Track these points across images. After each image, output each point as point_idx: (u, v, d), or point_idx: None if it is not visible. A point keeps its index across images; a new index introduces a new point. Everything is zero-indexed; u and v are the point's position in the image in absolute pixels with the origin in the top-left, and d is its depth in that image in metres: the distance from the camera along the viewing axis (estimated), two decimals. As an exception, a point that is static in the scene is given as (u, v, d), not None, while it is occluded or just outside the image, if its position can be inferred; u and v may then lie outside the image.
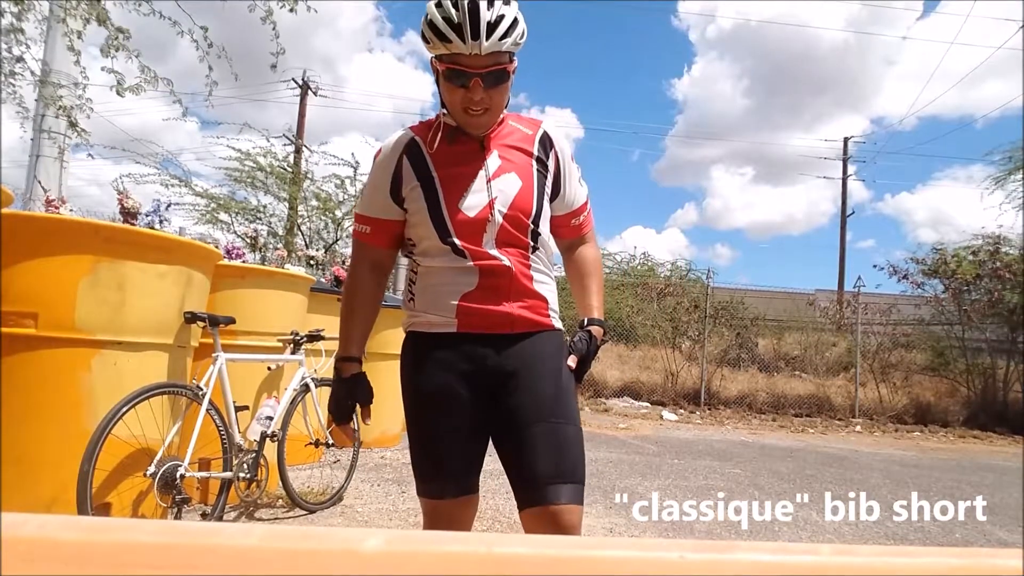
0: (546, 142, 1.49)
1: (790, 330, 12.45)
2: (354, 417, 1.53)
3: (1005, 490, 5.14)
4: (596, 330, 1.55)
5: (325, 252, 9.92)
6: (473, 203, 1.39)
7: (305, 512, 3.21)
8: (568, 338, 1.54)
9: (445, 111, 1.43)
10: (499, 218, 1.39)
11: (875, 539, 3.54)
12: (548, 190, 1.49)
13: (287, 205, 10.65)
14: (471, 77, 1.32)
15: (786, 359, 11.80)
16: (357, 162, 10.46)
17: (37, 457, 2.32)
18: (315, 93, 19.15)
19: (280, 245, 9.91)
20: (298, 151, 11.80)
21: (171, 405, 2.68)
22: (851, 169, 21.81)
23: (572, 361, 1.47)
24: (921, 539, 3.58)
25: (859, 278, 12.29)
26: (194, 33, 4.26)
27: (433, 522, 1.46)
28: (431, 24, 1.30)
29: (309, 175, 10.72)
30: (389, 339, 5.19)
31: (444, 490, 1.44)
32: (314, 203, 10.61)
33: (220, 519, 2.79)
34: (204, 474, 2.94)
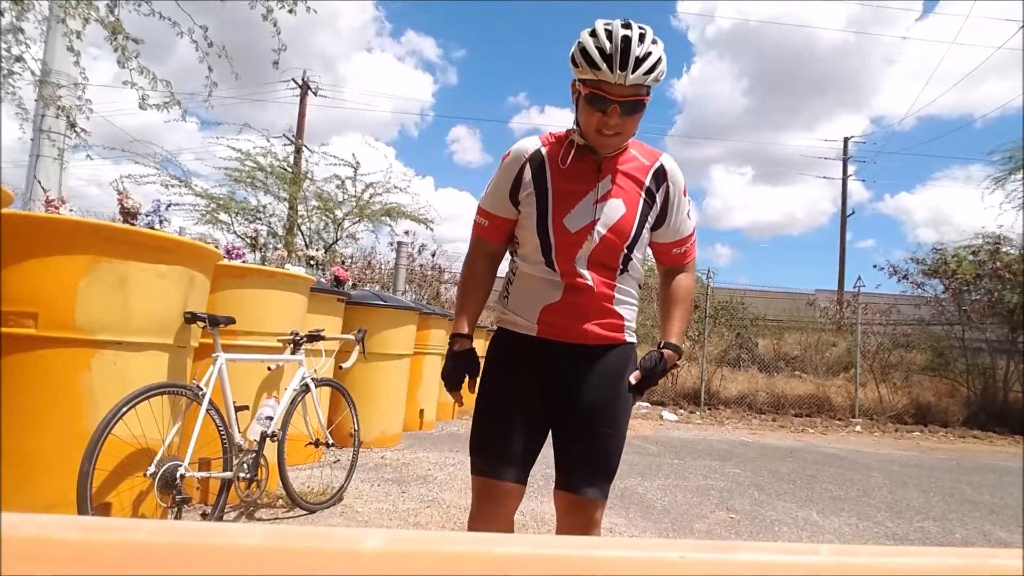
0: (660, 174, 1.60)
1: (790, 330, 12.45)
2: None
3: (1005, 490, 5.14)
4: (669, 353, 1.64)
5: (325, 252, 9.92)
6: (577, 220, 1.53)
7: (305, 512, 3.21)
8: (640, 354, 1.67)
9: (576, 129, 1.55)
10: (596, 239, 1.52)
11: (875, 539, 3.54)
12: (651, 219, 1.61)
13: (287, 205, 10.64)
14: (611, 103, 1.44)
15: (786, 359, 11.81)
16: (357, 162, 10.46)
17: (37, 457, 2.32)
18: (315, 93, 19.16)
19: (280, 245, 9.91)
20: (298, 151, 11.80)
21: (171, 405, 2.68)
22: (851, 169, 21.84)
23: (634, 377, 1.59)
24: (921, 539, 3.58)
25: (859, 278, 12.31)
26: (194, 33, 4.26)
27: (483, 502, 1.60)
28: (584, 51, 1.43)
29: (309, 175, 10.72)
30: (390, 339, 5.20)
31: (499, 472, 1.57)
32: (314, 203, 10.60)
33: (220, 519, 2.79)
34: (204, 474, 2.94)
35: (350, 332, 3.91)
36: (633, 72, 1.40)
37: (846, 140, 22.07)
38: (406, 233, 11.32)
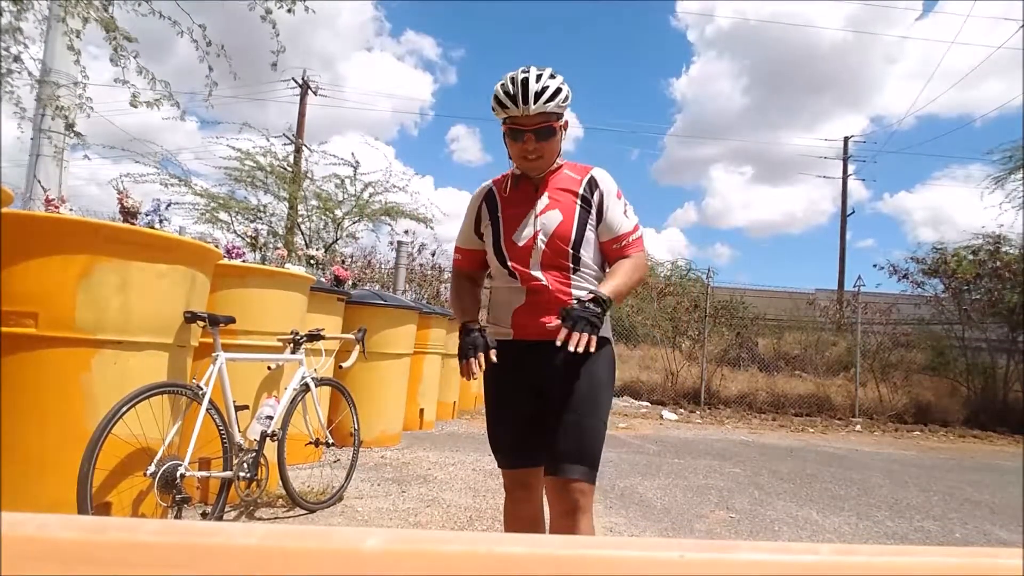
0: (592, 183, 1.84)
1: (790, 330, 12.46)
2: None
3: (1005, 490, 5.14)
4: (588, 295, 1.70)
5: (325, 252, 9.92)
6: (523, 234, 1.80)
7: (305, 512, 3.21)
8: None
9: (512, 165, 1.85)
10: (541, 245, 1.77)
11: (875, 538, 3.54)
12: (592, 221, 1.82)
13: (287, 204, 10.64)
14: (524, 133, 1.72)
15: (786, 359, 11.81)
16: (357, 162, 10.46)
17: (37, 457, 2.32)
18: (315, 93, 19.16)
19: (280, 244, 9.91)
20: (298, 150, 11.79)
21: (171, 405, 2.68)
22: (851, 168, 21.83)
23: (561, 333, 1.62)
24: (921, 539, 3.58)
25: (859, 277, 12.28)
26: (193, 32, 4.26)
27: (511, 487, 1.88)
28: (496, 97, 1.73)
29: (309, 174, 10.71)
30: (390, 339, 5.20)
31: (509, 461, 1.86)
32: (314, 203, 10.60)
33: (220, 519, 2.79)
34: (204, 473, 2.94)
35: (350, 332, 3.91)
36: (535, 104, 1.67)
37: (846, 139, 22.07)
38: (406, 232, 11.32)
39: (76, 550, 0.30)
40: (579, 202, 1.81)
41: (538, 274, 1.77)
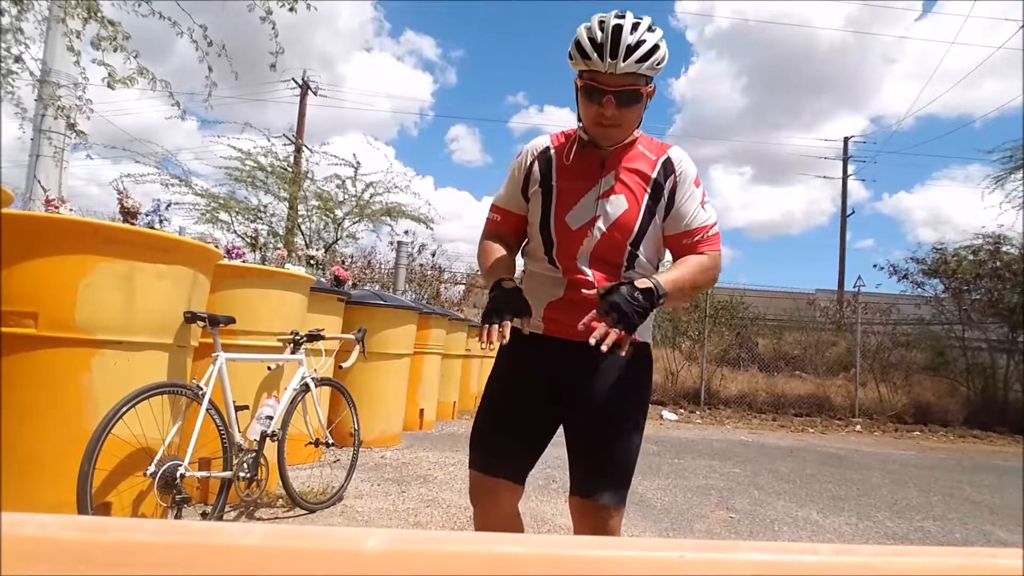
0: (668, 166, 1.55)
1: (790, 330, 12.45)
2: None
3: (1005, 490, 5.14)
4: (642, 281, 1.40)
5: (325, 252, 9.92)
6: (580, 216, 1.51)
7: (305, 512, 3.21)
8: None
9: (581, 124, 1.54)
10: (597, 235, 1.50)
11: (875, 539, 3.54)
12: (660, 212, 1.55)
13: (287, 205, 10.64)
14: (605, 94, 1.42)
15: (786, 359, 11.81)
16: (358, 162, 10.46)
17: (37, 457, 2.32)
18: (315, 93, 19.16)
19: (280, 245, 9.91)
20: (298, 151, 11.79)
21: (171, 405, 2.68)
22: (850, 168, 21.82)
23: (594, 323, 1.34)
24: (921, 539, 3.58)
25: (859, 278, 12.32)
26: (193, 33, 4.25)
27: (476, 495, 1.58)
28: (577, 43, 1.43)
29: (309, 175, 10.72)
30: (391, 339, 5.20)
31: (493, 467, 1.55)
32: (314, 203, 10.60)
33: (220, 519, 2.79)
34: (204, 474, 2.94)
35: (350, 332, 3.91)
36: (624, 60, 1.38)
37: (846, 140, 22.07)
38: (406, 233, 11.32)
39: (76, 550, 0.30)
40: (649, 190, 1.53)
41: (585, 268, 1.51)
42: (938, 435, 8.93)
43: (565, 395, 1.55)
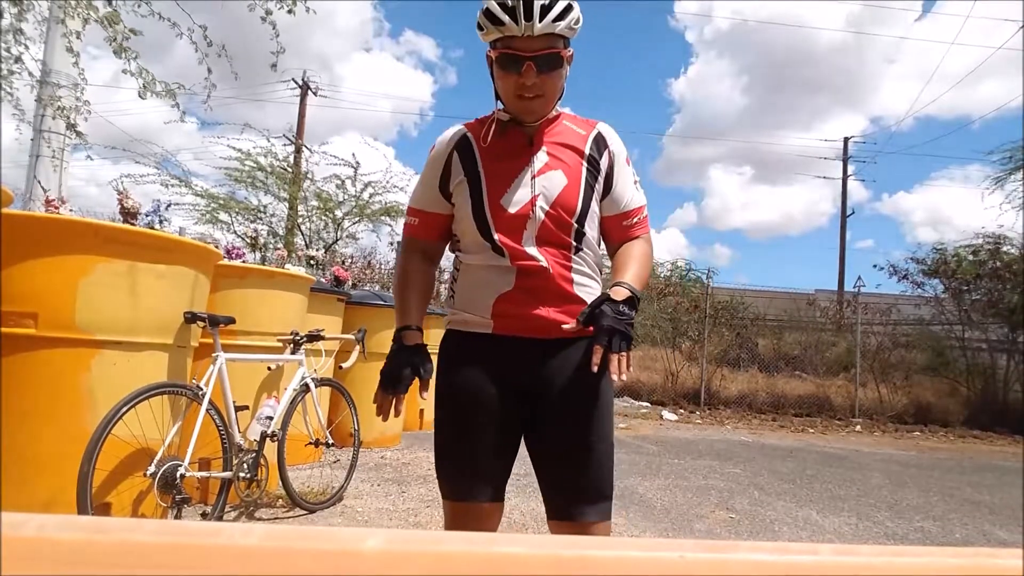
0: (600, 141, 1.47)
1: (790, 330, 12.45)
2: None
3: (1005, 490, 5.14)
4: (617, 289, 1.34)
5: (325, 252, 9.93)
6: (516, 199, 1.38)
7: (305, 512, 3.21)
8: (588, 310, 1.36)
9: (499, 106, 1.44)
10: (541, 215, 1.37)
11: (875, 539, 3.54)
12: (599, 189, 1.45)
13: (287, 205, 10.65)
14: (524, 61, 1.32)
15: (786, 359, 11.81)
16: (357, 162, 10.47)
17: (37, 457, 2.32)
18: (315, 93, 19.15)
19: (280, 245, 9.91)
20: (298, 151, 11.80)
21: (171, 405, 2.68)
22: (850, 169, 21.83)
23: (596, 355, 1.24)
24: (921, 539, 3.58)
25: (859, 278, 12.31)
26: (193, 33, 4.25)
27: (454, 525, 1.43)
28: (487, 11, 1.32)
29: (309, 175, 10.73)
30: (390, 339, 5.19)
31: (467, 493, 1.40)
32: (314, 203, 10.61)
33: (220, 519, 2.79)
34: (204, 474, 2.94)
35: (350, 332, 3.91)
36: (540, 20, 1.28)
37: (846, 140, 22.06)
38: (406, 233, 11.30)
39: (76, 550, 0.30)
40: (585, 164, 1.43)
41: (534, 251, 1.37)
42: (938, 435, 8.93)
43: (527, 401, 1.40)
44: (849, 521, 3.85)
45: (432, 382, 1.46)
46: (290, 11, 4.33)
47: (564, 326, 1.34)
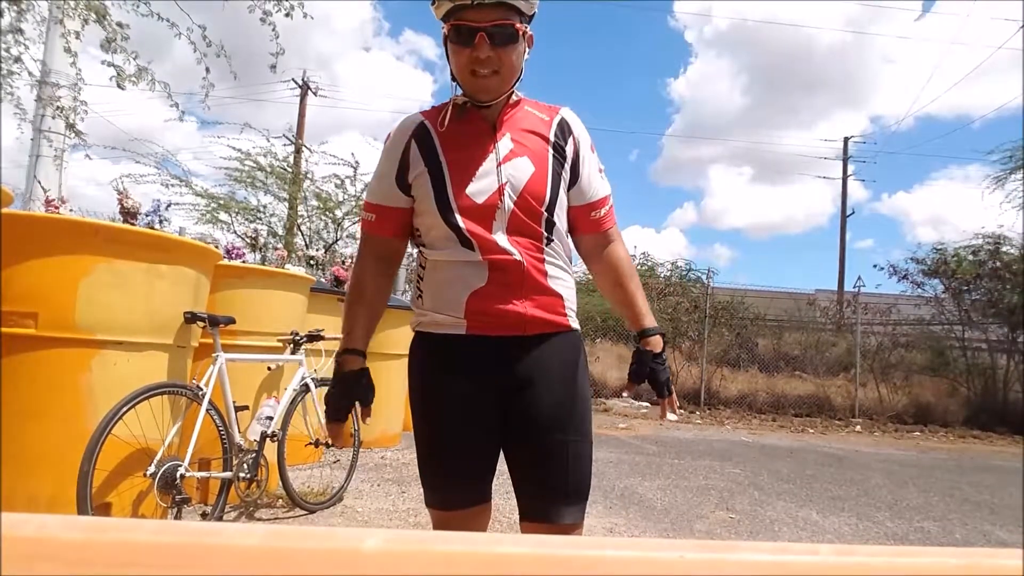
0: (564, 128, 1.41)
1: (790, 330, 12.45)
2: (352, 417, 1.45)
3: (1005, 490, 5.14)
4: (655, 341, 1.46)
5: (325, 252, 9.92)
6: (481, 188, 1.31)
7: (305, 512, 3.21)
8: (631, 363, 1.48)
9: (456, 89, 1.36)
10: (509, 204, 1.31)
11: (875, 539, 3.54)
12: (566, 178, 1.39)
13: (287, 205, 10.65)
14: (476, 32, 1.25)
15: (786, 359, 11.81)
16: (357, 162, 10.46)
17: (37, 457, 2.32)
18: (315, 93, 19.15)
19: (280, 245, 9.91)
20: (298, 151, 11.79)
21: (171, 405, 2.68)
22: (850, 169, 21.83)
23: (628, 390, 1.44)
24: (921, 539, 3.58)
25: (859, 278, 12.30)
26: (192, 34, 4.25)
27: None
28: None
29: (309, 175, 10.73)
30: (393, 339, 5.19)
31: (454, 501, 1.38)
32: (314, 203, 10.61)
33: (220, 519, 2.79)
34: (204, 474, 2.94)
35: (350, 332, 3.90)
36: None
37: (846, 140, 22.06)
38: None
39: (76, 550, 0.30)
40: (551, 150, 1.37)
41: (505, 243, 1.30)
42: (938, 435, 8.93)
43: (504, 403, 1.36)
44: (849, 521, 3.85)
45: (379, 397, 1.44)
46: (287, 15, 4.34)
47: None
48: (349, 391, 1.39)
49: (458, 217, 1.31)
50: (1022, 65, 18.68)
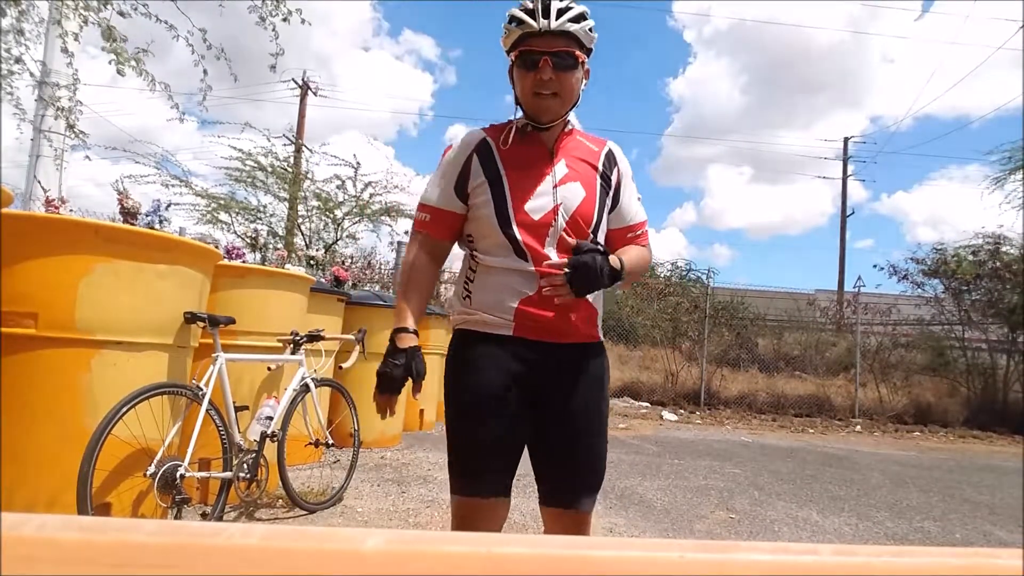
0: (611, 159, 1.59)
1: (790, 330, 12.45)
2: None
3: (1005, 490, 5.14)
4: (614, 260, 1.42)
5: (325, 252, 9.92)
6: (538, 206, 1.46)
7: (305, 512, 3.21)
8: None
9: (518, 112, 1.53)
10: (562, 223, 1.45)
11: (875, 539, 3.54)
12: (609, 204, 1.56)
13: (287, 205, 10.64)
14: (540, 56, 1.41)
15: (786, 359, 11.81)
16: (358, 162, 10.46)
17: (37, 457, 2.32)
18: (315, 94, 19.16)
19: (280, 245, 9.91)
20: (298, 151, 11.79)
21: (171, 405, 2.68)
22: (850, 169, 21.82)
23: (554, 276, 1.37)
24: (921, 539, 3.58)
25: (859, 278, 12.31)
26: (191, 36, 4.25)
27: (467, 522, 1.49)
28: (510, 15, 1.45)
29: (309, 175, 10.72)
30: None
31: (480, 488, 1.48)
32: (314, 203, 10.60)
33: (220, 519, 2.79)
34: (204, 474, 2.94)
35: (350, 332, 3.90)
36: (556, 19, 1.40)
37: (846, 140, 22.07)
38: (406, 233, 11.31)
39: (76, 550, 0.30)
40: (599, 178, 1.54)
41: (555, 258, 1.43)
42: (938, 435, 8.93)
43: (538, 403, 1.49)
44: (849, 521, 3.85)
45: (425, 383, 1.52)
46: (285, 19, 4.34)
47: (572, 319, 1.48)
48: (404, 363, 1.48)
49: (516, 229, 1.45)
50: (1022, 65, 18.69)
